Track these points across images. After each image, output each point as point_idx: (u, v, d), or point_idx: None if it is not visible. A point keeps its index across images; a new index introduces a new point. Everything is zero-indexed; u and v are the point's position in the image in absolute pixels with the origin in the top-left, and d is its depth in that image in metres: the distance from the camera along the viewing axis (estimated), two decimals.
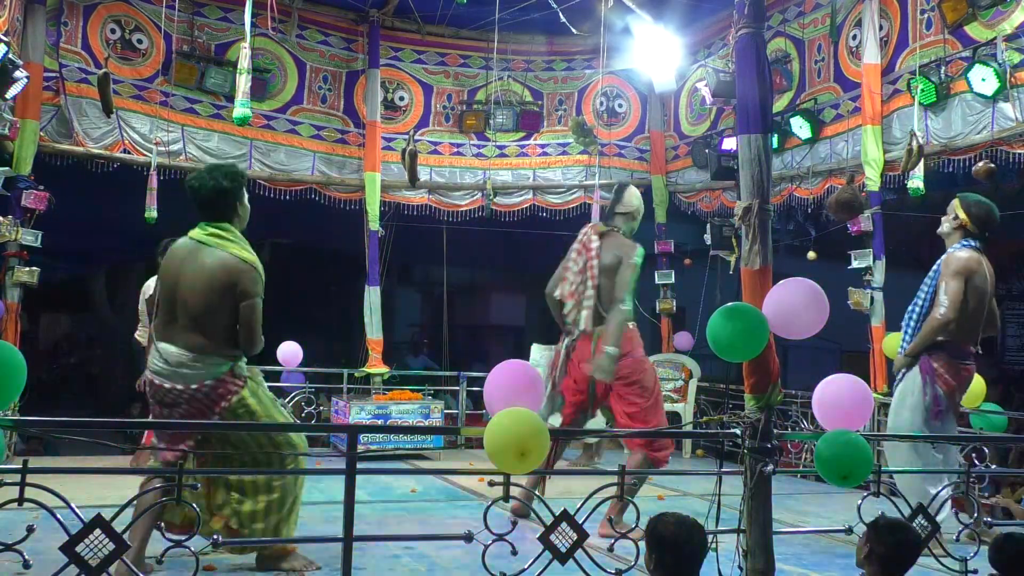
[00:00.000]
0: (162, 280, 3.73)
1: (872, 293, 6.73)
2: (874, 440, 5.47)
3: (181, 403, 3.60)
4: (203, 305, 3.59)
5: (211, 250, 3.63)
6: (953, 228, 4.79)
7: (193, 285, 3.60)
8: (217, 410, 3.61)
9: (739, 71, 3.37)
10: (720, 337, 3.02)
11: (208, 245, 3.65)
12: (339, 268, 11.68)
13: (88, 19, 7.41)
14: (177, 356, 3.57)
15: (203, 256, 3.63)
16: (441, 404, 7.58)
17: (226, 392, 3.64)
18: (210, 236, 3.67)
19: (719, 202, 8.56)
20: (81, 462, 4.29)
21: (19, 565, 2.53)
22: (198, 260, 3.63)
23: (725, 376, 8.02)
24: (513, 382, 3.02)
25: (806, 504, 5.90)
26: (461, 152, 9.03)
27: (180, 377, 3.57)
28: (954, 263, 4.64)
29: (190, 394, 3.58)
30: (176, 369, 3.57)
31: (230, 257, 3.64)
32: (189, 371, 3.58)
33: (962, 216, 4.75)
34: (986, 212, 4.75)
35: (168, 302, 3.65)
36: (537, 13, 7.91)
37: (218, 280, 3.59)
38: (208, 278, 3.59)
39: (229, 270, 3.61)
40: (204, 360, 3.58)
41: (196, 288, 3.59)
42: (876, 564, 2.68)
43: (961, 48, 6.12)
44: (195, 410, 3.61)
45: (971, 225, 4.73)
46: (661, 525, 2.58)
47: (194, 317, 3.59)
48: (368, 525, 4.37)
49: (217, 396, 3.61)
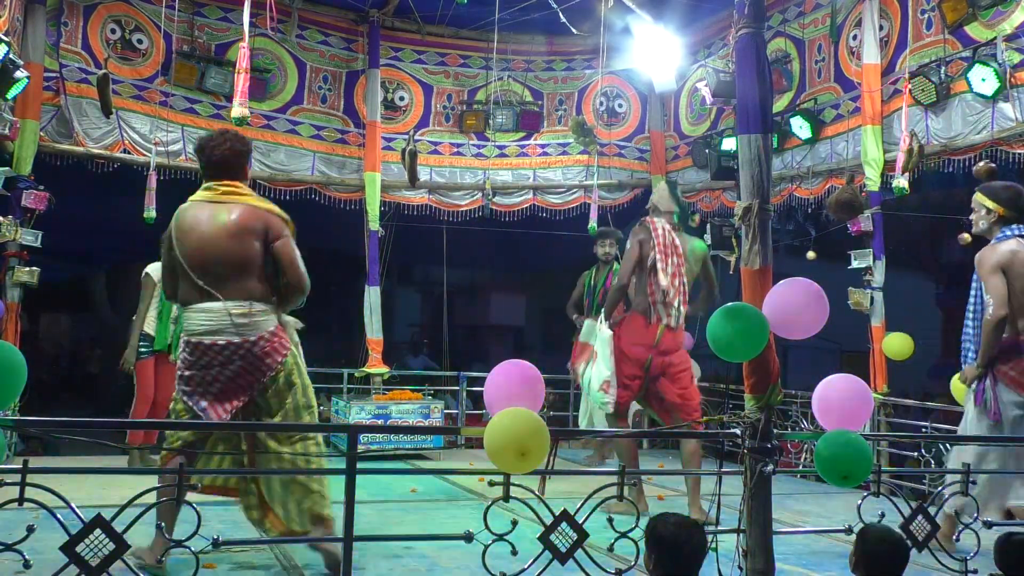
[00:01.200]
0: (190, 242, 3.65)
1: (872, 293, 6.73)
2: (874, 440, 5.47)
3: (236, 360, 3.59)
4: (239, 254, 3.62)
5: (231, 205, 3.69)
6: (991, 222, 4.57)
7: (226, 237, 3.62)
8: (273, 366, 3.64)
9: (739, 71, 3.37)
10: (720, 337, 3.02)
11: (224, 202, 3.69)
12: (339, 268, 11.65)
13: (88, 19, 7.41)
14: (223, 310, 3.58)
15: (225, 210, 3.67)
16: (441, 404, 7.58)
17: (279, 349, 3.67)
18: (224, 194, 3.72)
19: (719, 202, 8.56)
20: (81, 462, 4.28)
21: (19, 565, 2.53)
22: (221, 215, 3.66)
23: (725, 376, 8.02)
24: (513, 382, 3.02)
25: (806, 504, 5.90)
26: (461, 152, 9.03)
27: (234, 329, 3.58)
28: (986, 261, 4.47)
29: (246, 348, 3.59)
30: (229, 322, 3.58)
31: (251, 207, 3.72)
32: (248, 320, 3.60)
33: (994, 206, 4.55)
34: (1016, 192, 4.57)
35: (206, 261, 3.62)
36: (537, 13, 7.91)
37: (249, 227, 3.64)
38: (238, 228, 3.63)
39: (257, 215, 3.69)
40: (254, 308, 3.62)
41: (229, 239, 3.62)
42: (866, 571, 2.71)
43: (961, 48, 6.12)
44: (248, 366, 3.61)
45: (1007, 211, 4.53)
46: (661, 525, 2.58)
47: (233, 268, 3.62)
48: (368, 525, 4.37)
49: (271, 350, 3.64)
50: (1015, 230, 4.50)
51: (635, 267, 5.36)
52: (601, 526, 3.02)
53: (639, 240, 5.36)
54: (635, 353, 5.34)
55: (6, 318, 6.50)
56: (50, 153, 7.09)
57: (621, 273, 5.43)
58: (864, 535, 2.75)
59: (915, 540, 3.30)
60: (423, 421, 7.29)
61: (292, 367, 3.73)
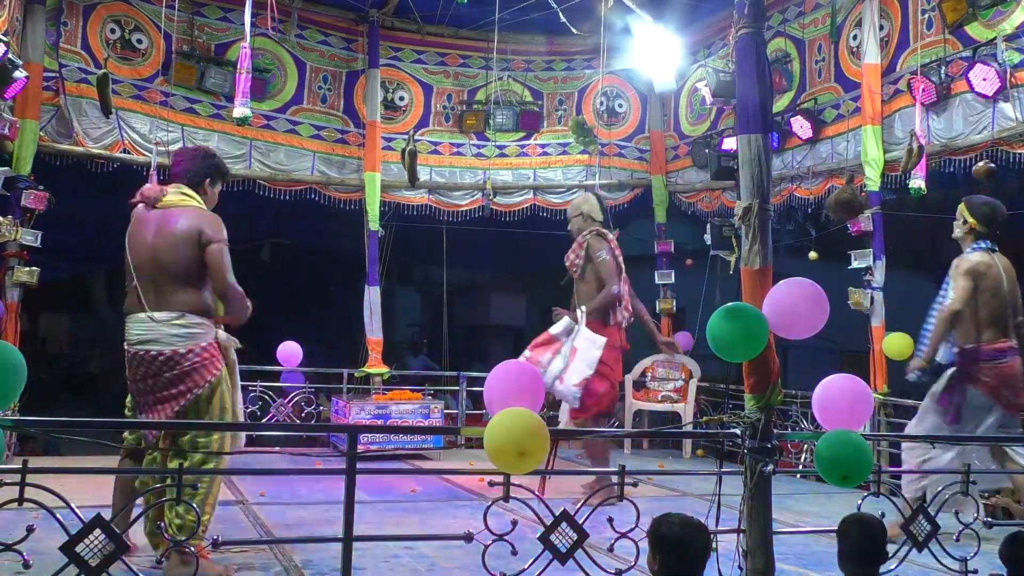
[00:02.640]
0: (135, 248, 3.71)
1: (872, 293, 6.73)
2: (874, 440, 5.48)
3: (165, 372, 3.60)
4: (176, 263, 3.65)
5: (177, 209, 3.74)
6: (965, 232, 4.99)
7: (169, 245, 3.66)
8: (201, 383, 3.63)
9: (739, 71, 3.37)
10: (720, 337, 3.01)
11: (173, 206, 3.74)
12: (339, 268, 11.67)
13: (88, 19, 7.41)
14: (170, 318, 3.61)
15: (171, 215, 3.72)
16: (441, 404, 7.58)
17: (209, 366, 3.65)
18: (175, 197, 3.77)
19: (719, 202, 8.56)
20: (81, 462, 4.29)
21: (19, 565, 2.53)
22: (169, 221, 3.70)
23: (725, 376, 8.02)
24: (513, 382, 3.02)
25: (806, 504, 5.90)
26: (461, 152, 9.03)
27: (166, 340, 3.59)
28: (963, 265, 4.85)
29: (175, 361, 3.59)
30: (171, 331, 3.60)
31: (193, 209, 3.75)
32: (181, 331, 3.61)
33: (970, 219, 4.95)
34: (991, 210, 4.95)
35: (147, 268, 3.67)
36: (537, 13, 7.91)
37: (187, 234, 3.65)
38: (179, 234, 3.66)
39: (194, 216, 3.71)
40: (186, 320, 3.62)
41: (167, 247, 3.65)
42: (850, 562, 2.76)
43: (961, 48, 6.12)
44: (178, 379, 3.61)
45: (979, 226, 4.93)
46: (666, 526, 2.57)
47: (173, 276, 3.64)
48: (368, 525, 4.37)
49: (200, 365, 3.62)
50: (981, 245, 4.90)
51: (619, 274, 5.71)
52: (601, 526, 3.02)
53: (610, 248, 5.72)
54: (618, 355, 5.75)
55: (6, 318, 6.50)
56: (50, 153, 7.09)
57: (612, 281, 5.65)
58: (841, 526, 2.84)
59: (915, 540, 3.30)
60: (423, 421, 7.29)
61: (217, 387, 3.69)
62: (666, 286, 9.06)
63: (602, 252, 5.66)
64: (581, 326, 5.58)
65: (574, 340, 5.58)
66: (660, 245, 9.13)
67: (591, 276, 5.71)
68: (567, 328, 5.67)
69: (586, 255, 5.72)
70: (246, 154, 8.12)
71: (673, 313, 9.07)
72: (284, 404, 7.91)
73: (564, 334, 5.67)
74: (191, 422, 3.69)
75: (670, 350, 6.70)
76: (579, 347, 5.53)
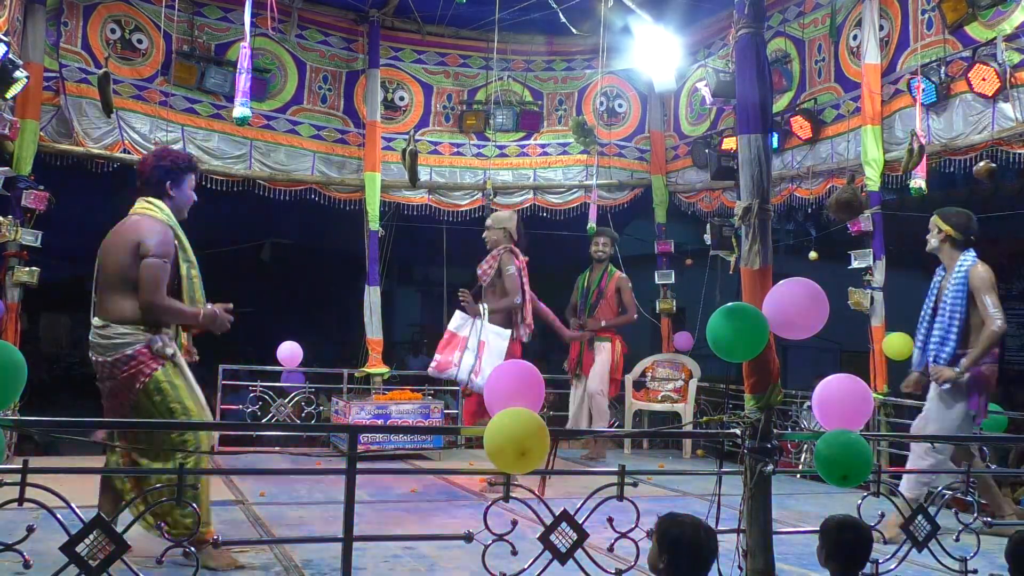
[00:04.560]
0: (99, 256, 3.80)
1: (872, 293, 6.73)
2: (874, 440, 5.47)
3: (106, 378, 3.66)
4: (115, 271, 3.68)
5: (133, 217, 3.77)
6: (940, 241, 5.02)
7: (110, 253, 3.71)
8: (137, 387, 3.64)
9: (739, 71, 3.37)
10: (720, 337, 3.01)
11: (132, 214, 3.78)
12: (339, 268, 11.65)
13: (88, 19, 7.40)
14: (99, 326, 3.67)
15: (124, 225, 3.76)
16: (441, 404, 7.58)
17: (141, 370, 3.65)
18: (138, 206, 3.81)
19: (719, 202, 8.56)
20: (81, 462, 4.29)
21: (19, 565, 2.53)
22: (120, 230, 3.75)
23: (725, 376, 8.02)
24: (513, 382, 3.02)
25: (806, 504, 5.89)
26: (461, 152, 9.03)
27: (102, 349, 3.65)
28: (988, 277, 4.87)
29: (110, 367, 3.63)
30: (99, 340, 3.66)
31: (142, 219, 3.76)
32: (106, 341, 3.65)
33: (945, 228, 4.99)
34: (967, 218, 5.03)
35: (96, 275, 3.74)
36: (537, 13, 7.90)
37: (127, 242, 3.68)
38: (121, 242, 3.70)
39: (137, 228, 3.71)
40: (112, 330, 3.65)
41: (112, 255, 3.70)
42: (833, 562, 2.76)
43: (961, 48, 6.12)
44: (118, 385, 3.65)
45: (956, 234, 4.98)
46: (676, 527, 2.56)
47: (111, 285, 3.68)
48: (368, 525, 4.37)
49: (134, 371, 3.64)
50: (975, 253, 4.95)
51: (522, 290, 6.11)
52: (601, 526, 3.02)
53: (517, 267, 6.11)
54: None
55: (6, 318, 6.51)
56: (50, 153, 7.09)
57: (515, 294, 6.05)
58: (824, 527, 2.82)
59: (915, 540, 3.30)
60: (423, 421, 7.28)
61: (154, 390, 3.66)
62: (666, 286, 9.06)
63: (511, 267, 6.10)
64: (484, 322, 5.94)
65: (480, 335, 5.92)
66: (660, 245, 9.13)
67: (499, 288, 6.13)
68: (465, 322, 6.01)
69: (498, 268, 6.14)
70: (246, 154, 8.12)
71: (673, 313, 9.07)
72: (284, 404, 7.90)
73: (465, 329, 5.99)
74: (192, 423, 3.70)
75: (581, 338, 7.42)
76: (486, 340, 5.89)
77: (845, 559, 2.76)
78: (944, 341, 4.94)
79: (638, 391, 8.54)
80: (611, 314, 7.55)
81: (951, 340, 4.91)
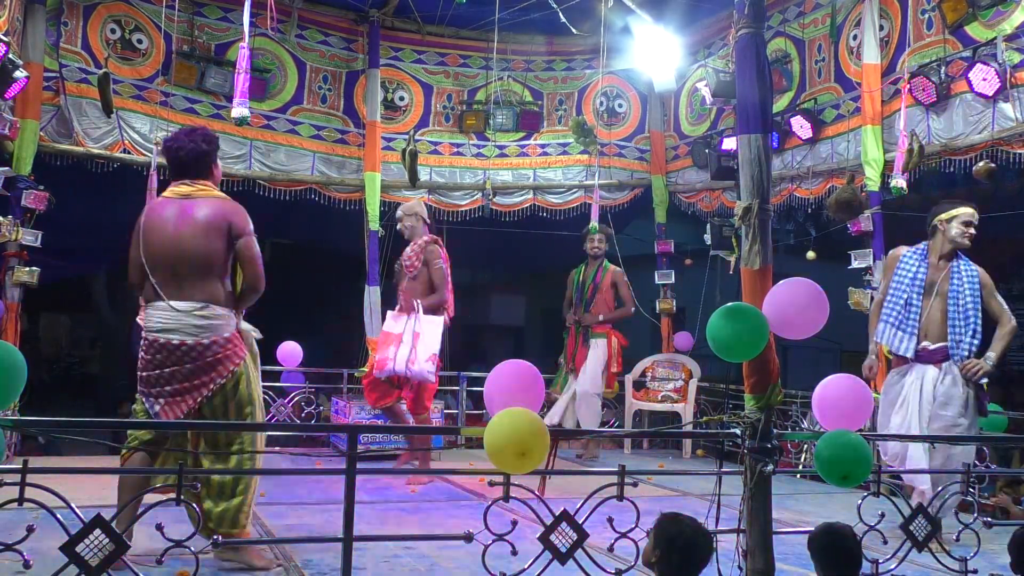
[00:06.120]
0: (154, 239, 3.67)
1: (872, 293, 6.72)
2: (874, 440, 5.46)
3: (187, 362, 3.60)
4: (202, 254, 3.64)
5: (197, 201, 3.71)
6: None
7: (194, 235, 3.64)
8: (224, 373, 3.63)
9: (739, 71, 3.36)
10: (720, 337, 3.01)
11: (192, 197, 3.71)
12: (339, 268, 11.65)
13: (88, 19, 7.40)
14: (193, 308, 3.60)
15: (195, 206, 3.69)
16: (441, 404, 7.57)
17: (236, 352, 3.67)
18: (191, 192, 3.74)
19: (719, 202, 8.56)
20: (81, 462, 4.29)
21: (19, 565, 2.53)
22: (192, 211, 3.68)
23: (725, 376, 8.01)
24: (513, 382, 3.02)
25: (806, 504, 5.89)
26: (461, 152, 9.03)
27: (197, 330, 3.59)
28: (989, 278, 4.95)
29: (199, 351, 3.59)
30: (194, 322, 3.59)
31: (217, 203, 3.72)
32: (205, 322, 3.61)
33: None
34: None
35: (168, 259, 3.64)
36: (537, 13, 7.90)
37: (214, 224, 3.65)
38: (205, 224, 3.65)
39: (223, 211, 3.70)
40: (211, 311, 3.62)
41: (193, 238, 3.63)
42: (820, 564, 2.83)
43: (961, 48, 6.12)
44: (199, 370, 3.61)
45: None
46: (675, 525, 2.58)
47: (194, 268, 3.63)
48: (368, 525, 4.37)
49: (224, 356, 3.63)
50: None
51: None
52: (601, 526, 3.02)
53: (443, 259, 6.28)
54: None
55: (6, 318, 6.51)
56: (50, 153, 7.09)
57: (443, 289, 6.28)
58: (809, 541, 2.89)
59: (915, 540, 3.30)
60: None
61: (241, 376, 3.71)
62: (666, 286, 9.06)
63: (439, 262, 6.25)
64: (419, 314, 6.09)
65: (415, 326, 6.07)
66: (660, 245, 9.13)
67: (425, 279, 6.26)
68: (398, 320, 6.18)
69: (425, 260, 6.25)
70: (246, 154, 8.12)
71: (673, 313, 9.07)
72: (284, 404, 7.90)
73: (399, 326, 6.14)
74: (197, 422, 3.69)
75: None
76: (421, 330, 6.06)
77: (835, 566, 2.78)
78: (974, 335, 4.86)
79: (638, 391, 8.54)
80: (608, 308, 7.54)
81: (976, 336, 4.84)
